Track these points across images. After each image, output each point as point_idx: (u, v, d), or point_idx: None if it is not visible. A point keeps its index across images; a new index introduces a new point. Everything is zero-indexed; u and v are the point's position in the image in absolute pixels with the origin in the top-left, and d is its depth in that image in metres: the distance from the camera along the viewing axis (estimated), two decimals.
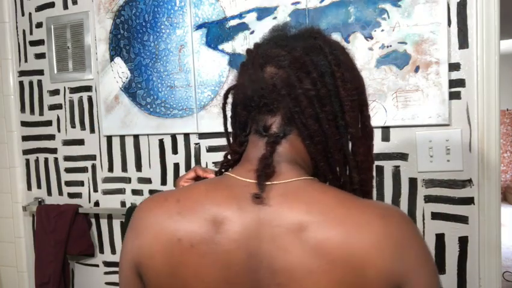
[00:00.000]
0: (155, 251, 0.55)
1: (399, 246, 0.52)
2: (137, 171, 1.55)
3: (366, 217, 0.52)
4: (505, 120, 6.13)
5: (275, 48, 0.60)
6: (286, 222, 0.52)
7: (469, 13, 1.15)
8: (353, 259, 0.50)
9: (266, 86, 0.58)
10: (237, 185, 0.57)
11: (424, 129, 1.21)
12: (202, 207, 0.55)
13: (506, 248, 3.95)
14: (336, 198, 0.55)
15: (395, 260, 0.51)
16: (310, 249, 0.50)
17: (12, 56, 1.71)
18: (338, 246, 0.50)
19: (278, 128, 0.58)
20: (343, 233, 0.51)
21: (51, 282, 1.59)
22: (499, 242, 1.16)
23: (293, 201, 0.54)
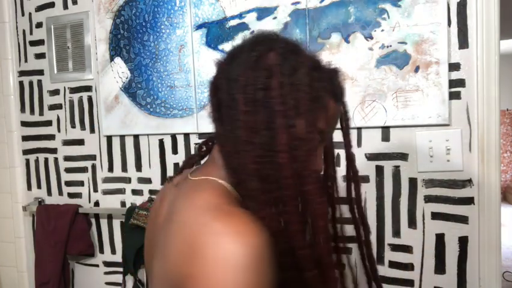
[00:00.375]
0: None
1: (197, 247, 0.51)
2: (137, 171, 1.55)
3: (208, 225, 0.51)
4: (505, 120, 6.13)
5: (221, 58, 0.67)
6: (171, 209, 0.64)
7: (469, 13, 1.15)
8: (168, 252, 0.57)
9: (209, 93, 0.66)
10: (184, 175, 0.70)
11: (424, 129, 1.21)
12: (162, 189, 0.77)
13: (506, 248, 3.95)
14: (203, 201, 0.57)
15: (188, 261, 0.51)
16: (163, 234, 0.62)
17: (12, 56, 1.71)
18: (168, 237, 0.58)
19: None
20: (176, 226, 0.57)
21: (51, 282, 1.59)
22: (499, 242, 1.16)
23: (185, 194, 0.62)
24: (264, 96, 0.57)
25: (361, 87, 1.24)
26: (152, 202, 1.47)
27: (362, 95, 1.24)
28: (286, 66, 0.58)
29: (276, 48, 0.60)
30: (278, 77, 0.57)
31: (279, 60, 0.59)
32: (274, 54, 0.59)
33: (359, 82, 1.24)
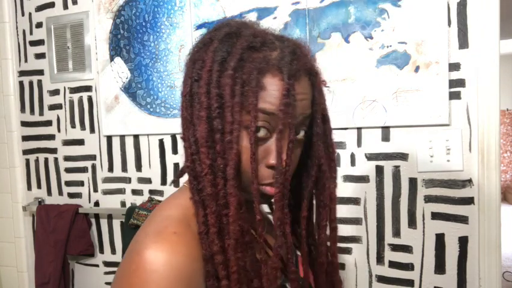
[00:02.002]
0: None
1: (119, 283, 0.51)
2: (137, 171, 1.55)
3: (132, 247, 0.52)
4: (505, 120, 6.13)
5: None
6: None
7: (469, 13, 1.15)
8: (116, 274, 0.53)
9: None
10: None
11: (424, 129, 1.21)
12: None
13: (506, 248, 3.95)
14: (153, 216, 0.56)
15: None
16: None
17: (12, 56, 1.71)
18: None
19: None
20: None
21: (51, 282, 1.59)
22: (499, 242, 1.16)
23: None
24: (195, 89, 0.54)
25: (361, 87, 1.24)
26: (152, 202, 1.47)
27: (362, 95, 1.24)
28: (219, 52, 0.53)
29: (218, 35, 0.55)
30: (209, 65, 0.53)
31: (214, 47, 0.53)
32: (215, 41, 0.54)
33: (359, 82, 1.24)
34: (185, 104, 0.55)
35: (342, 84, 1.26)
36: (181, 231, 0.51)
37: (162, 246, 0.49)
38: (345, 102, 1.26)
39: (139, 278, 0.47)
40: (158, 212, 0.57)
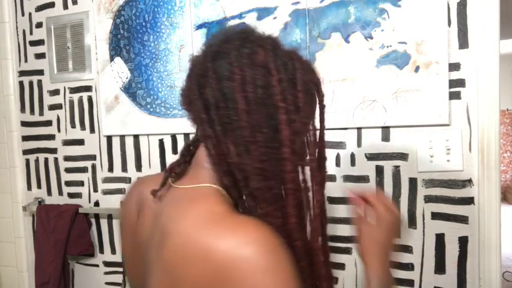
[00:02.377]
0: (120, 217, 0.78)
1: (221, 277, 0.49)
2: (137, 171, 1.55)
3: (209, 241, 0.50)
4: (505, 120, 6.13)
5: (199, 57, 0.63)
6: (160, 223, 0.59)
7: (469, 13, 1.15)
8: (181, 277, 0.52)
9: (182, 94, 0.65)
10: (159, 180, 0.66)
11: (424, 129, 1.21)
12: (136, 191, 0.72)
13: (506, 248, 3.95)
14: (204, 212, 0.55)
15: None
16: (161, 253, 0.56)
17: (12, 56, 1.71)
18: (170, 257, 0.53)
19: (196, 134, 0.65)
20: (176, 247, 0.53)
21: (51, 282, 1.59)
22: (499, 242, 1.16)
23: (174, 206, 0.59)
24: (265, 94, 0.57)
25: (361, 87, 1.24)
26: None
27: (362, 95, 1.24)
28: (279, 62, 0.59)
29: (263, 45, 0.60)
30: (275, 73, 0.57)
31: (271, 57, 0.58)
32: (263, 50, 0.59)
33: (359, 82, 1.24)
34: (248, 108, 0.57)
35: (342, 84, 1.26)
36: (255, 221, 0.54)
37: (254, 229, 0.52)
38: (345, 102, 1.26)
39: (277, 271, 0.49)
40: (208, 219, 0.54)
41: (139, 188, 0.71)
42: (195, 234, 0.51)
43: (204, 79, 0.59)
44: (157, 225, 0.60)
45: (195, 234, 0.51)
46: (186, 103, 0.63)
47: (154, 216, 0.63)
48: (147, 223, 0.65)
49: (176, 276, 0.52)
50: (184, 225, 0.53)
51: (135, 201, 0.70)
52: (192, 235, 0.52)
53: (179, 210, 0.57)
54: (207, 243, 0.50)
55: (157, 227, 0.60)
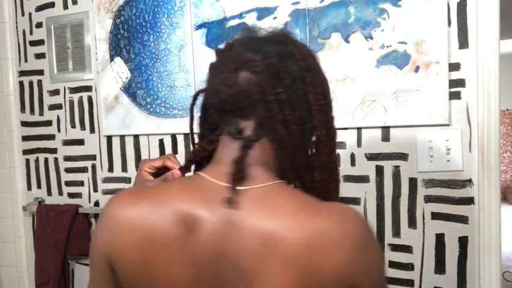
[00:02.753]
0: (129, 247, 0.57)
1: (355, 250, 0.54)
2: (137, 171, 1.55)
3: (327, 223, 0.55)
4: (505, 120, 6.13)
5: (248, 52, 0.62)
6: (254, 227, 0.55)
7: (469, 13, 1.15)
8: (313, 263, 0.53)
9: (241, 91, 0.59)
10: (209, 187, 0.59)
11: (424, 129, 1.21)
12: (176, 207, 0.57)
13: (506, 248, 3.95)
14: (300, 203, 0.57)
15: (350, 264, 0.54)
16: (273, 253, 0.53)
17: (12, 56, 1.71)
18: (299, 251, 0.53)
19: (251, 132, 0.61)
20: (304, 238, 0.53)
21: (51, 282, 1.59)
22: (499, 242, 1.16)
23: (261, 206, 0.56)
24: (324, 95, 0.64)
25: (361, 87, 1.24)
26: None
27: (362, 95, 1.24)
28: (319, 64, 0.66)
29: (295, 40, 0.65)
30: (325, 75, 0.65)
31: (316, 59, 0.66)
32: (310, 52, 0.66)
33: (359, 82, 1.24)
34: (319, 108, 0.62)
35: (342, 84, 1.26)
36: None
37: (349, 208, 0.58)
38: (345, 102, 1.26)
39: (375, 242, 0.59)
40: (304, 207, 0.57)
41: (171, 207, 0.57)
42: (314, 225, 0.54)
43: (277, 80, 0.60)
44: (239, 233, 0.55)
45: (315, 225, 0.54)
46: (248, 103, 0.60)
47: (225, 225, 0.55)
48: (208, 237, 0.55)
49: (308, 269, 0.53)
50: (295, 221, 0.54)
51: (173, 225, 0.56)
52: (312, 226, 0.54)
53: (274, 209, 0.56)
54: (331, 228, 0.54)
55: (243, 234, 0.55)
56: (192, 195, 0.58)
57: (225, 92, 0.60)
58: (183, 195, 0.58)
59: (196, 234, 0.55)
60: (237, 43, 0.65)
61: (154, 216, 0.57)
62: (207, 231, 0.55)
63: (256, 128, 0.60)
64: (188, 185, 0.61)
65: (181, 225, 0.56)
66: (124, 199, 0.60)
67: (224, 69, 0.62)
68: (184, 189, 0.60)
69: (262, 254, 0.54)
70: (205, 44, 1.41)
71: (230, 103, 0.60)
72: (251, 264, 0.54)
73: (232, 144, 0.61)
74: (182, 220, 0.56)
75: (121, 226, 0.58)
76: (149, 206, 0.58)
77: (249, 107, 0.60)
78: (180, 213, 0.56)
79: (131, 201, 0.60)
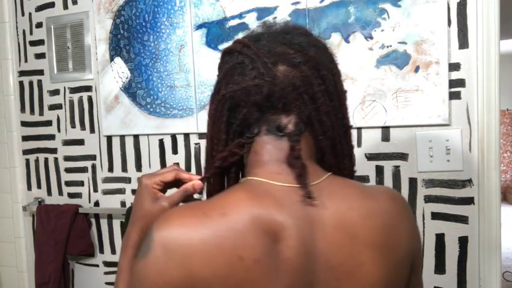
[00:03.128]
0: (213, 275, 0.48)
1: (412, 226, 0.62)
2: (137, 171, 1.55)
3: (389, 204, 0.59)
4: (505, 120, 6.13)
5: (279, 45, 0.58)
6: (335, 221, 0.54)
7: (469, 13, 1.15)
8: (390, 244, 0.56)
9: (286, 86, 0.56)
10: (276, 190, 0.54)
11: (424, 129, 1.21)
12: (253, 217, 0.50)
13: (506, 248, 3.95)
14: (360, 190, 0.59)
15: (413, 240, 0.61)
16: (359, 242, 0.54)
17: (12, 56, 1.71)
18: (379, 235, 0.55)
19: (295, 127, 0.57)
20: (379, 223, 0.56)
21: (51, 282, 1.59)
22: (499, 242, 1.16)
23: (334, 200, 0.56)
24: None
25: (361, 87, 1.24)
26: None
27: (362, 95, 1.24)
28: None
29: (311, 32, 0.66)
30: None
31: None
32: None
33: (359, 82, 1.24)
34: (345, 96, 0.64)
35: None
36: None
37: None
38: None
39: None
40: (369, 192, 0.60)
41: (248, 218, 0.50)
42: (381, 208, 0.57)
43: (317, 72, 0.58)
44: (323, 230, 0.53)
45: (381, 208, 0.57)
46: (292, 98, 0.57)
47: (308, 226, 0.53)
48: (294, 243, 0.51)
49: (389, 251, 0.56)
50: (366, 207, 0.56)
51: (257, 237, 0.50)
52: (381, 210, 0.57)
53: (346, 200, 0.56)
54: (393, 209, 0.59)
55: (327, 231, 0.54)
56: (264, 201, 0.52)
57: (267, 87, 0.56)
58: (255, 203, 0.52)
59: (283, 242, 0.51)
60: (259, 38, 0.60)
61: (232, 232, 0.49)
62: (292, 237, 0.51)
63: (298, 122, 0.58)
64: (253, 191, 0.54)
65: (265, 235, 0.50)
66: (185, 219, 0.50)
67: (258, 65, 0.57)
68: (252, 196, 0.53)
69: (349, 246, 0.54)
70: (205, 44, 1.41)
71: (274, 99, 0.56)
72: (341, 259, 0.53)
73: (275, 142, 0.57)
74: (264, 230, 0.50)
75: (196, 253, 0.48)
76: (221, 221, 0.50)
77: (292, 101, 0.57)
78: (260, 222, 0.50)
79: (198, 220, 0.50)
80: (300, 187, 0.54)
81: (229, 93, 0.59)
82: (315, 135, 0.59)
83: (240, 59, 0.59)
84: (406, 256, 0.59)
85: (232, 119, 0.59)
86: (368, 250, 0.54)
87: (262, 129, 0.58)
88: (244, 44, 0.60)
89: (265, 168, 0.57)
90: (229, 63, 0.61)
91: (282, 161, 0.56)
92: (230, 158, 0.60)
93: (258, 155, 0.58)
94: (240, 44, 0.60)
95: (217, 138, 0.61)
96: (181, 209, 0.53)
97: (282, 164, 0.56)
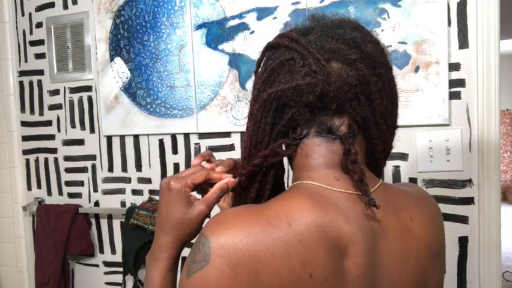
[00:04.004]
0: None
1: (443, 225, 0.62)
2: (137, 171, 1.55)
3: (430, 206, 0.59)
4: (505, 120, 6.12)
5: (332, 41, 0.53)
6: (397, 232, 0.52)
7: (469, 13, 1.15)
8: (444, 249, 0.60)
9: (340, 84, 0.51)
10: (337, 197, 0.50)
11: (424, 129, 1.21)
12: (320, 228, 0.45)
13: (506, 248, 3.95)
14: (408, 196, 0.58)
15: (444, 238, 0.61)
16: (423, 253, 0.54)
17: (12, 56, 1.71)
18: (439, 242, 0.57)
19: (348, 129, 0.53)
20: (437, 229, 0.57)
21: (51, 282, 1.59)
22: (499, 242, 1.16)
23: (392, 208, 0.53)
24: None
25: None
26: (152, 202, 1.47)
27: None
28: None
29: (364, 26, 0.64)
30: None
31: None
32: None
33: None
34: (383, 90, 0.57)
35: None
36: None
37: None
38: None
39: None
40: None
41: (314, 229, 0.46)
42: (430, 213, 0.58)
43: (373, 70, 0.53)
44: (388, 244, 0.51)
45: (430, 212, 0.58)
46: (347, 98, 0.52)
47: (373, 241, 0.49)
48: (361, 260, 0.48)
49: (444, 254, 0.60)
50: (422, 214, 0.56)
51: (325, 252, 0.45)
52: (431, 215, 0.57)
53: (403, 210, 0.54)
54: (434, 210, 0.59)
55: (392, 245, 0.51)
56: (329, 210, 0.47)
57: (321, 86, 0.50)
58: (321, 212, 0.47)
59: (351, 258, 0.47)
60: (312, 31, 0.55)
61: (302, 245, 0.44)
62: (360, 253, 0.47)
63: (352, 124, 0.52)
64: (315, 197, 0.49)
65: (333, 249, 0.45)
66: (249, 227, 0.44)
67: (310, 61, 0.51)
68: (315, 204, 0.48)
69: (414, 259, 0.52)
70: (205, 44, 1.41)
71: (328, 99, 0.51)
72: (406, 273, 0.52)
73: (328, 145, 0.52)
74: (332, 243, 0.45)
75: (266, 267, 0.43)
76: (288, 232, 0.45)
77: (347, 102, 0.51)
78: (328, 235, 0.46)
79: (262, 228, 0.44)
80: (361, 195, 0.49)
81: (277, 92, 0.52)
82: (370, 139, 0.54)
83: (289, 55, 0.53)
84: (445, 256, 0.61)
85: (277, 120, 0.54)
86: (429, 258, 0.54)
87: (311, 130, 0.53)
88: (293, 38, 0.53)
89: (321, 172, 0.52)
90: (275, 59, 0.54)
91: (338, 165, 0.52)
92: (272, 158, 0.54)
93: (310, 158, 0.53)
94: (288, 38, 0.54)
95: (258, 139, 0.55)
96: (239, 213, 0.47)
97: (338, 168, 0.52)
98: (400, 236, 0.51)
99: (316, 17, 0.57)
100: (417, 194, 0.59)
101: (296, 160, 0.55)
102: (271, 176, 0.56)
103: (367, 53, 0.52)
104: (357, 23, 0.56)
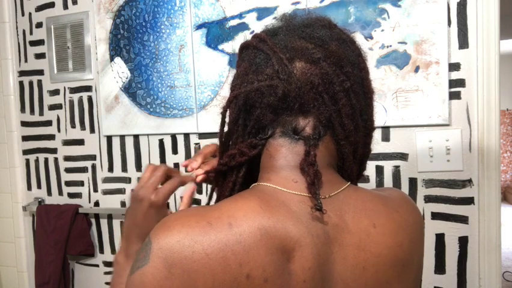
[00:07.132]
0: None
1: (423, 234, 0.59)
2: (137, 171, 1.55)
3: (408, 214, 0.55)
4: (505, 120, 6.13)
5: (298, 40, 0.52)
6: (356, 239, 0.49)
7: (469, 13, 1.15)
8: (415, 259, 0.55)
9: (303, 84, 0.50)
10: (291, 200, 0.49)
11: (424, 129, 1.21)
12: (264, 230, 0.45)
13: (506, 248, 3.95)
14: (381, 202, 0.53)
15: (422, 247, 0.58)
16: (383, 262, 0.50)
17: (12, 56, 1.71)
18: (406, 252, 0.52)
19: (313, 130, 0.52)
20: (406, 238, 0.53)
21: (51, 282, 1.59)
22: (499, 242, 1.16)
23: (352, 214, 0.50)
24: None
25: None
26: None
27: None
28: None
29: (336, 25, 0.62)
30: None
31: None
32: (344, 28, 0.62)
33: None
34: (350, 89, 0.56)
35: None
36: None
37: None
38: None
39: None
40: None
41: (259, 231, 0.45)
42: (405, 221, 0.54)
43: (339, 68, 0.52)
44: (343, 251, 0.49)
45: (405, 220, 0.54)
46: (310, 98, 0.51)
47: (324, 246, 0.48)
48: (309, 265, 0.46)
49: (414, 265, 0.55)
50: (392, 222, 0.52)
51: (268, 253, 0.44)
52: (405, 223, 0.54)
53: (368, 216, 0.51)
54: (412, 218, 0.55)
55: (348, 252, 0.49)
56: (278, 212, 0.47)
57: (282, 87, 0.50)
58: (267, 213, 0.46)
59: (297, 262, 0.45)
60: (280, 31, 0.54)
61: (240, 246, 0.43)
62: (308, 257, 0.46)
63: (317, 125, 0.52)
64: (265, 199, 0.48)
65: (277, 251, 0.44)
66: (188, 228, 0.45)
67: (273, 61, 0.51)
68: (264, 206, 0.47)
69: (372, 267, 0.49)
70: (205, 44, 1.41)
71: (289, 99, 0.51)
72: (362, 282, 0.49)
73: (291, 146, 0.52)
74: (276, 245, 0.44)
75: (200, 269, 0.43)
76: (227, 233, 0.44)
77: (310, 102, 0.51)
78: (272, 237, 0.44)
79: (200, 229, 0.44)
80: (311, 197, 0.48)
81: (242, 93, 0.53)
82: (337, 140, 0.53)
83: (256, 55, 0.54)
84: (421, 267, 0.57)
85: (246, 120, 0.55)
86: (393, 269, 0.50)
87: (276, 131, 0.53)
88: (261, 38, 0.54)
89: (280, 174, 0.51)
90: (244, 60, 0.55)
91: (300, 167, 0.51)
92: (239, 157, 0.55)
93: (273, 158, 0.53)
94: (257, 38, 0.54)
95: (230, 139, 0.57)
96: (182, 215, 0.47)
97: (298, 170, 0.51)
98: (358, 242, 0.49)
99: (287, 17, 0.57)
100: (393, 200, 0.55)
101: (262, 160, 0.55)
102: (241, 175, 0.56)
103: (332, 51, 0.52)
104: (328, 22, 0.56)
